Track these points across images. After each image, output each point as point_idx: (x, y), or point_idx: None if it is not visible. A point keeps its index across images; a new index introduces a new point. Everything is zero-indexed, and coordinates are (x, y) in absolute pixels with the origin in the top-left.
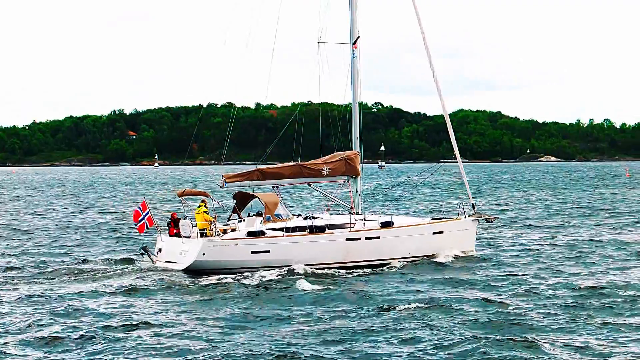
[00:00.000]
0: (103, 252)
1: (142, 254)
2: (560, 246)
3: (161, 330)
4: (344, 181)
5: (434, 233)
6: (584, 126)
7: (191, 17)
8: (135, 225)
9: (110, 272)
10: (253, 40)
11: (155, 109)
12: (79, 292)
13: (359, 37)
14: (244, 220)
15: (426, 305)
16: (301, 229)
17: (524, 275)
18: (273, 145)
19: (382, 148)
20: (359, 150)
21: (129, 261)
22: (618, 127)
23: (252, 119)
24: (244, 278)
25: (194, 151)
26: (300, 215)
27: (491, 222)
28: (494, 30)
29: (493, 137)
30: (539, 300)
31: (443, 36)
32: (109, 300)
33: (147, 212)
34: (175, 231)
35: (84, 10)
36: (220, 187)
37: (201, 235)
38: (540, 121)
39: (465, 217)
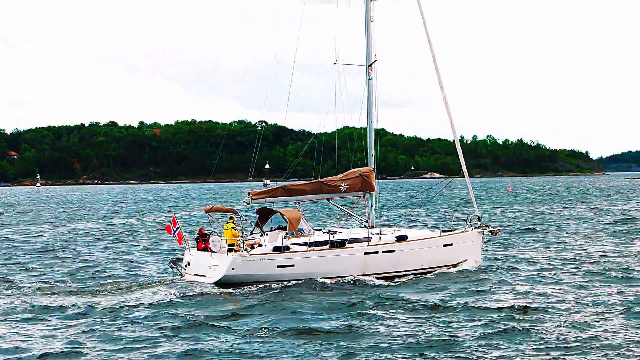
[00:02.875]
0: (133, 265)
1: (171, 267)
2: (560, 258)
3: (190, 341)
4: (360, 196)
5: (444, 245)
6: (467, 143)
7: (72, 36)
8: (173, 237)
9: (141, 284)
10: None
11: (36, 128)
12: (108, 304)
13: (375, 60)
14: (267, 234)
15: (436, 313)
16: (323, 243)
17: (527, 284)
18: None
19: (267, 166)
20: (374, 167)
21: (158, 273)
22: (501, 143)
23: (135, 137)
24: (270, 290)
25: (76, 170)
26: (320, 229)
27: (495, 234)
28: (379, 50)
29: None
30: (543, 307)
31: (333, 54)
32: (139, 311)
33: (177, 227)
34: (203, 245)
35: None
36: (247, 203)
37: (229, 250)
38: (424, 138)
39: (472, 230)
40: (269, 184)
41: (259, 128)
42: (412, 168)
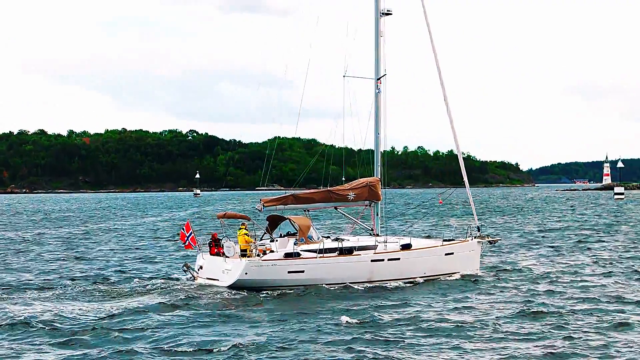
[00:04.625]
0: (147, 268)
1: (184, 271)
2: (556, 263)
3: (203, 342)
4: (367, 205)
5: (446, 254)
6: (398, 154)
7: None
8: (184, 244)
9: (154, 286)
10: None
11: None
12: (122, 306)
13: (385, 74)
14: (277, 240)
15: (437, 320)
16: (332, 250)
17: (525, 290)
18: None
19: (198, 176)
20: (380, 177)
21: (172, 277)
22: (432, 154)
23: (64, 146)
24: (281, 295)
25: (4, 179)
26: (329, 237)
27: (494, 243)
28: (310, 61)
29: (308, 165)
30: (540, 315)
31: (264, 65)
32: (153, 313)
33: (191, 232)
34: (215, 250)
35: None
36: (259, 210)
37: (242, 256)
38: (355, 149)
39: (472, 239)
40: (199, 194)
41: (190, 137)
42: (343, 179)
